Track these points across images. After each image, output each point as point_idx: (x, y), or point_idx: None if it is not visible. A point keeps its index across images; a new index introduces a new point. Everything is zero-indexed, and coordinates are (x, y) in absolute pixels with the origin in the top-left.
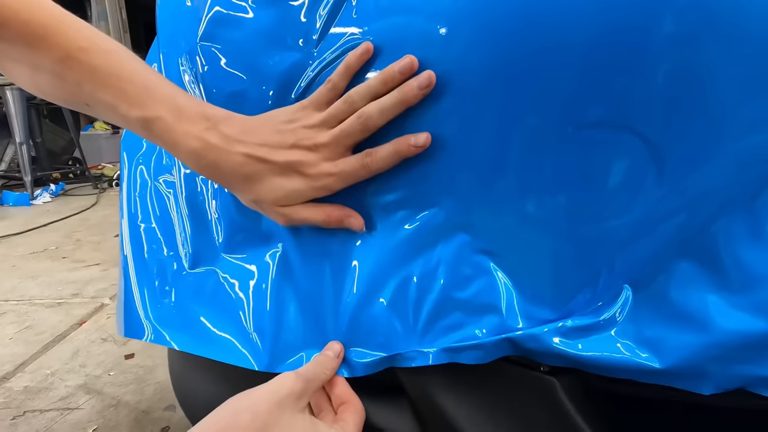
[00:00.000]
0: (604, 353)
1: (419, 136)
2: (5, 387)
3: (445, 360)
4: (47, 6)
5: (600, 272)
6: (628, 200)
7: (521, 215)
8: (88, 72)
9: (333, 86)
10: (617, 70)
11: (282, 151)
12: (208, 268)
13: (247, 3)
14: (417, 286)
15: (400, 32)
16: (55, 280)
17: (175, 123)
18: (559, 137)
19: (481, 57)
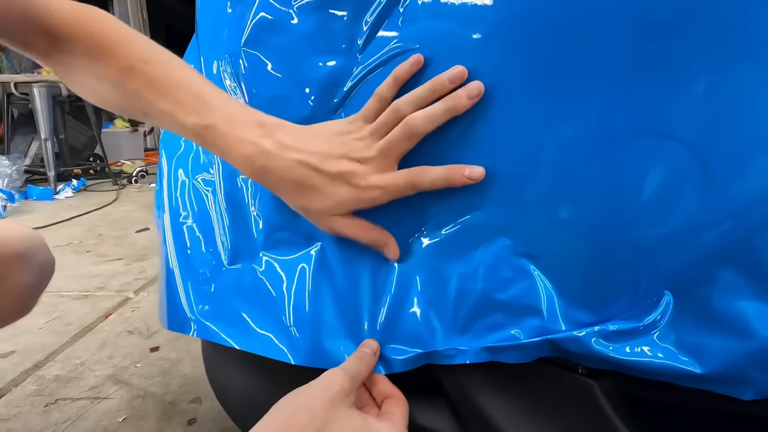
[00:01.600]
0: (646, 357)
1: (475, 170)
2: (37, 375)
3: (485, 359)
4: (111, 21)
5: (641, 278)
6: (672, 207)
7: (562, 220)
8: (147, 82)
9: (380, 98)
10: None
11: (332, 161)
12: (246, 264)
13: (292, 9)
14: (457, 286)
15: (448, 40)
16: (80, 273)
17: (230, 130)
18: (600, 144)
19: (526, 64)
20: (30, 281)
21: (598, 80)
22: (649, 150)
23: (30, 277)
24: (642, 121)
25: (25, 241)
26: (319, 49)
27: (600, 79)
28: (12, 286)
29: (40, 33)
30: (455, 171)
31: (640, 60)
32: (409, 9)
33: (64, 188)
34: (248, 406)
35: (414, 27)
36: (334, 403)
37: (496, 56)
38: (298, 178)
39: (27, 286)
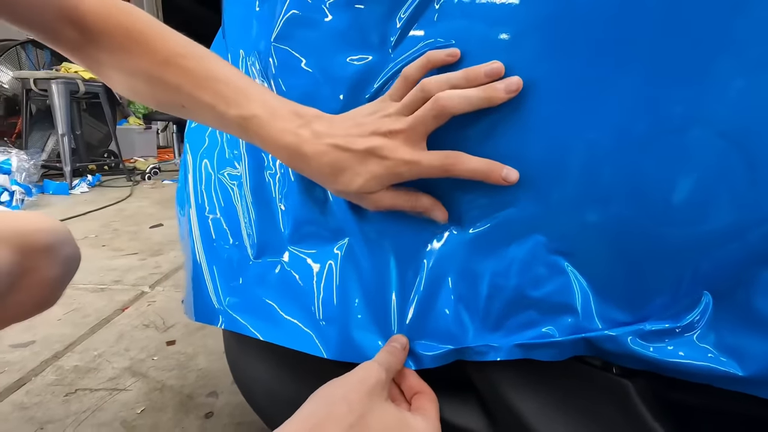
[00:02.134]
0: (685, 358)
1: (511, 172)
2: (56, 365)
3: (518, 356)
4: (142, 14)
5: (681, 277)
6: (713, 205)
7: (596, 218)
8: (186, 75)
9: (406, 78)
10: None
11: (361, 139)
12: (273, 258)
13: (325, 6)
14: (489, 282)
15: (483, 39)
16: (97, 266)
17: (270, 120)
18: (636, 140)
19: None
20: (55, 274)
21: (634, 76)
22: (689, 145)
23: (56, 270)
24: (681, 116)
25: (52, 233)
26: (350, 46)
27: (636, 75)
28: (37, 279)
29: (71, 25)
30: (494, 168)
31: (679, 54)
32: (445, 6)
33: (80, 183)
34: (273, 400)
35: (449, 24)
36: (371, 395)
37: (530, 56)
38: (331, 161)
39: (52, 279)
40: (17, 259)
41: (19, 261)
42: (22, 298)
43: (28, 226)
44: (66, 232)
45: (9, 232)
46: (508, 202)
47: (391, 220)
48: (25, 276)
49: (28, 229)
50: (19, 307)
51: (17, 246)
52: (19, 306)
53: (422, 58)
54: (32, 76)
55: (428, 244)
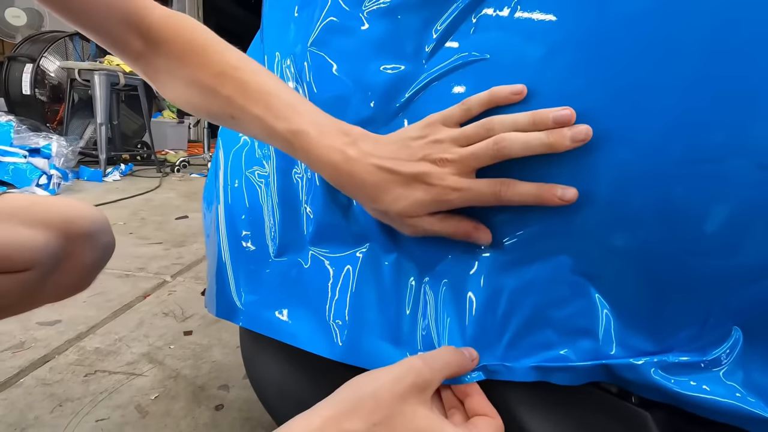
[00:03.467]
0: (710, 394)
1: (568, 191)
2: (79, 345)
3: (534, 378)
4: (204, 30)
5: (710, 310)
6: (746, 238)
7: (625, 243)
8: (239, 87)
9: (468, 109)
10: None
11: (409, 163)
12: (292, 257)
13: (362, 14)
14: (507, 299)
15: (518, 54)
16: (123, 253)
17: (319, 137)
18: (668, 168)
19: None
20: (93, 260)
21: (673, 99)
22: (727, 175)
23: (93, 256)
24: (721, 143)
25: (94, 222)
26: (384, 54)
27: (676, 97)
28: (76, 263)
29: (136, 34)
30: (547, 190)
31: (721, 80)
32: (482, 20)
33: (113, 171)
34: (283, 398)
35: (485, 38)
36: (404, 396)
37: (563, 74)
38: (375, 182)
39: (89, 264)
40: (62, 243)
41: (63, 245)
42: (62, 279)
43: (73, 213)
44: (105, 221)
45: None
46: (534, 220)
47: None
48: (67, 259)
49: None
50: (58, 288)
51: (62, 231)
52: (58, 287)
53: (486, 93)
54: (77, 67)
55: (449, 257)
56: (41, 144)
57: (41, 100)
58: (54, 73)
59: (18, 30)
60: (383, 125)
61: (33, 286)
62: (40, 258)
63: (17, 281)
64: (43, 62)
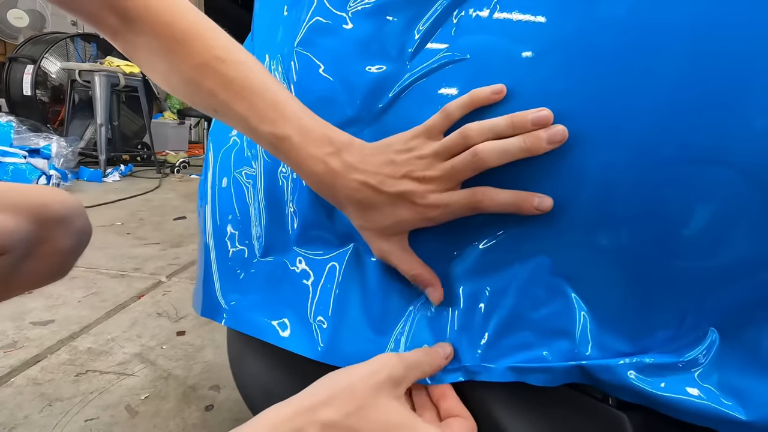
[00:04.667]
0: (684, 396)
1: (544, 201)
2: (71, 345)
3: (510, 378)
4: (190, 12)
5: (687, 311)
6: (724, 240)
7: (603, 244)
8: (222, 82)
9: (448, 115)
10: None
11: (393, 181)
12: (278, 258)
13: (347, 14)
14: (487, 300)
15: (499, 55)
16: (120, 253)
17: (302, 144)
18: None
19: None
20: (68, 245)
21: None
22: (701, 178)
23: (68, 241)
24: (695, 147)
25: (66, 206)
26: (369, 54)
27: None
28: (51, 248)
29: (111, 9)
30: (524, 198)
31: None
32: (463, 21)
33: (113, 172)
34: (267, 398)
35: (466, 38)
36: (379, 388)
37: (545, 74)
38: (360, 199)
39: (65, 249)
40: (33, 228)
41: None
42: (37, 266)
43: (43, 198)
44: (79, 206)
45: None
46: (513, 222)
47: None
48: (40, 245)
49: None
50: (35, 274)
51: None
52: (34, 274)
53: (466, 97)
54: (78, 68)
55: (431, 259)
56: (41, 144)
57: (42, 101)
58: (55, 74)
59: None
60: (368, 125)
61: (7, 272)
62: (11, 242)
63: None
64: (44, 63)
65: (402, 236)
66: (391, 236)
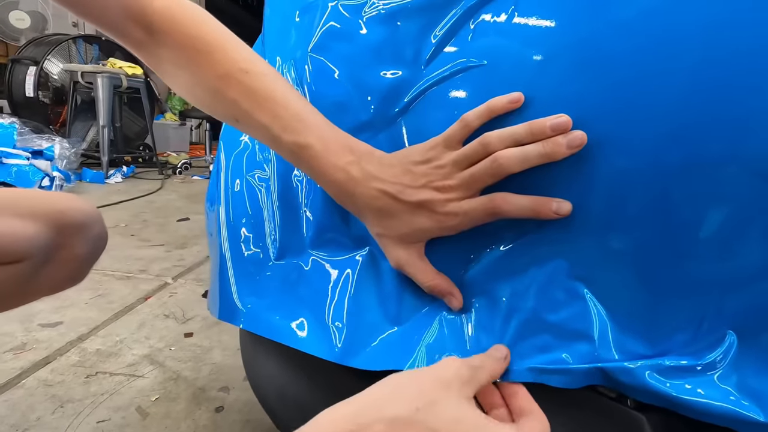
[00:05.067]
0: (704, 398)
1: (563, 205)
2: (80, 347)
3: (530, 379)
4: (213, 25)
5: (705, 314)
6: (741, 243)
7: (619, 247)
8: (246, 92)
9: (466, 125)
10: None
11: (413, 191)
12: (293, 260)
13: (362, 20)
14: (507, 304)
15: (515, 60)
16: (125, 255)
17: (324, 153)
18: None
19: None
20: (86, 251)
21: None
22: (723, 181)
23: (86, 248)
24: (709, 149)
25: (85, 214)
26: (383, 60)
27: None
28: (69, 255)
29: (136, 23)
30: (542, 203)
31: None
32: (480, 26)
33: (115, 173)
34: (283, 400)
35: (482, 44)
36: (448, 385)
37: (562, 78)
38: (379, 207)
39: (82, 255)
40: (53, 235)
41: (54, 237)
42: (55, 271)
43: (63, 205)
44: (96, 213)
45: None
46: (532, 226)
47: None
48: (59, 251)
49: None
50: (52, 280)
51: (53, 222)
52: (52, 279)
53: (483, 106)
54: (80, 69)
55: (449, 262)
56: (44, 146)
57: (44, 103)
58: (57, 75)
59: (22, 33)
60: (382, 130)
61: (26, 278)
62: (31, 249)
63: (10, 273)
64: (46, 65)
65: (419, 245)
66: (409, 245)
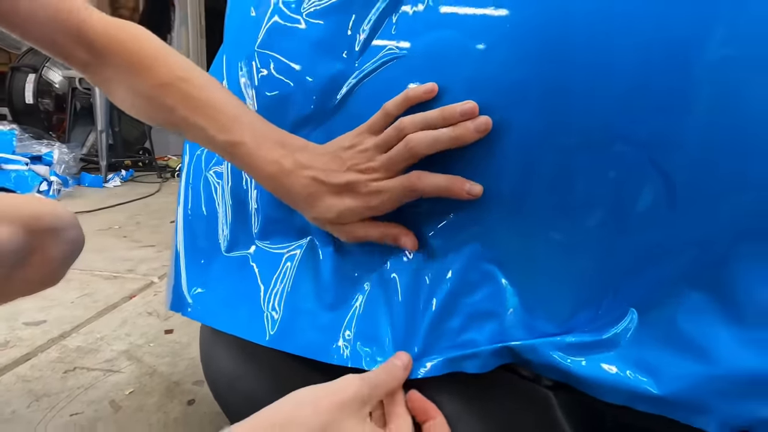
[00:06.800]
0: (602, 372)
1: (474, 187)
2: (62, 344)
3: (446, 370)
4: (150, 39)
5: (605, 292)
6: (636, 224)
7: (528, 229)
8: (183, 98)
9: (387, 113)
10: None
11: (339, 174)
12: (241, 252)
13: (302, 16)
14: (428, 288)
15: (436, 49)
16: (115, 255)
17: (257, 149)
18: (561, 156)
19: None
20: (59, 254)
21: (553, 94)
22: (624, 168)
23: (59, 250)
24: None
25: (57, 217)
26: (322, 55)
27: (556, 93)
28: (43, 257)
29: (80, 45)
30: (455, 182)
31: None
32: (401, 20)
33: (114, 177)
34: (233, 391)
35: (404, 36)
36: (343, 407)
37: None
38: (309, 193)
39: (56, 258)
40: (25, 238)
41: (26, 240)
42: (29, 274)
43: (37, 209)
44: (72, 217)
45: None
46: (452, 210)
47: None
48: (32, 254)
49: (35, 212)
50: (26, 283)
51: (25, 226)
52: (26, 282)
53: (401, 96)
54: (78, 75)
55: (378, 250)
56: (43, 151)
57: (46, 110)
58: (58, 84)
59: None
60: (321, 123)
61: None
62: (3, 252)
63: None
64: (45, 72)
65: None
66: (345, 225)
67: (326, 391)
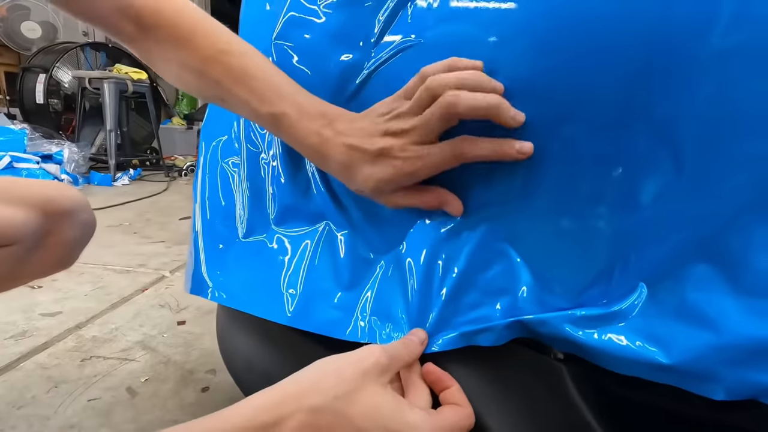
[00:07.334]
0: (613, 344)
1: (525, 145)
2: (78, 334)
3: (461, 344)
4: (194, 11)
5: (614, 267)
6: (645, 199)
7: (541, 208)
8: (226, 71)
9: (422, 75)
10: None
11: (374, 139)
12: (258, 237)
13: (319, 8)
14: (443, 266)
15: (451, 39)
16: (126, 251)
17: (298, 120)
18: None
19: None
20: (74, 236)
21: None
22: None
23: (74, 233)
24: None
25: (72, 200)
26: (339, 45)
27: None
28: (57, 240)
29: (128, 19)
30: (505, 144)
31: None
32: (416, 10)
33: (122, 176)
34: (250, 370)
35: (420, 26)
36: (366, 374)
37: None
38: (347, 161)
39: (71, 240)
40: (42, 220)
41: (42, 222)
42: (45, 256)
43: (51, 192)
44: (83, 200)
45: (35, 197)
46: (462, 191)
47: (366, 209)
48: (48, 236)
49: (51, 195)
50: (42, 264)
51: (41, 209)
52: (42, 263)
53: (444, 62)
54: (87, 76)
55: (396, 231)
56: (53, 150)
57: (56, 110)
58: (68, 83)
59: (33, 43)
60: None
61: (16, 262)
62: (21, 234)
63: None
64: (56, 72)
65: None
66: (388, 194)
67: (348, 360)
